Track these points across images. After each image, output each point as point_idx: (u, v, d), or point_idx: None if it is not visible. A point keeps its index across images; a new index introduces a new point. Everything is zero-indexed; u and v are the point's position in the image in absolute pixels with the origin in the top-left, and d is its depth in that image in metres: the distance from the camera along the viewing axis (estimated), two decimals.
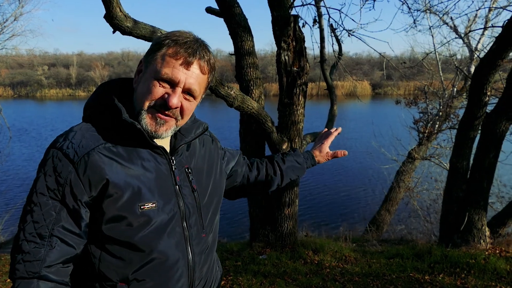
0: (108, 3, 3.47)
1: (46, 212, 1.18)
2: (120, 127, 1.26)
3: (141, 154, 1.29)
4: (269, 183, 1.89)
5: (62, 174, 1.18)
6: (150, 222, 1.25)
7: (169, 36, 1.26)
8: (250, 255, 5.54)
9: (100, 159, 1.20)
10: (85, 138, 1.23)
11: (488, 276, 4.62)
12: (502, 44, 4.59)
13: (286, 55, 4.95)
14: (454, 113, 10.53)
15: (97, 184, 1.20)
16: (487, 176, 5.28)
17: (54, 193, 1.18)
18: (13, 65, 58.12)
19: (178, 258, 1.33)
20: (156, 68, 1.24)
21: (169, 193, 1.32)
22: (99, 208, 1.22)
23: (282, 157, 1.93)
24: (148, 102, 1.26)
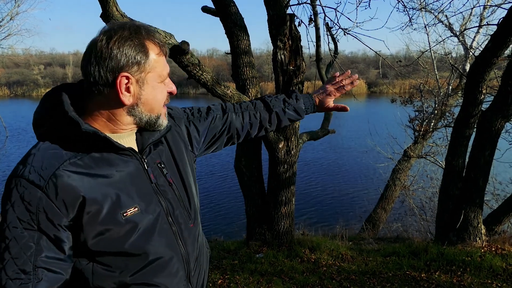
0: (105, 2, 3.47)
1: (24, 245, 1.11)
2: (82, 138, 1.19)
3: (110, 160, 1.23)
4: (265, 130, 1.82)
5: (32, 202, 1.11)
6: (137, 226, 1.23)
7: (136, 37, 1.20)
8: (247, 253, 5.55)
9: (69, 177, 1.14)
10: (47, 158, 1.16)
11: (484, 273, 4.65)
12: (497, 42, 4.61)
13: (282, 54, 4.95)
14: (449, 111, 10.55)
15: (73, 204, 1.14)
16: (483, 174, 5.30)
17: (27, 223, 1.11)
18: (9, 64, 57.98)
19: (172, 254, 1.33)
20: (159, 73, 1.26)
21: (148, 193, 1.30)
22: (81, 226, 1.16)
23: (284, 108, 1.79)
24: (163, 104, 1.31)
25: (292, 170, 5.56)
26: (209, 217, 13.14)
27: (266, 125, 1.79)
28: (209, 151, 1.73)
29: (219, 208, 13.74)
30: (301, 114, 1.83)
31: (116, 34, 1.18)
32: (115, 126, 1.27)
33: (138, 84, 1.23)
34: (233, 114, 1.72)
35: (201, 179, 16.92)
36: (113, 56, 1.17)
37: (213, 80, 4.45)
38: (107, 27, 1.22)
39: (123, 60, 1.18)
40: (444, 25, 10.11)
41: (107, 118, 1.25)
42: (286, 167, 5.49)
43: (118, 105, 1.24)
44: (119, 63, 1.18)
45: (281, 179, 5.53)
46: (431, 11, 8.59)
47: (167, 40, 4.03)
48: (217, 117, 1.69)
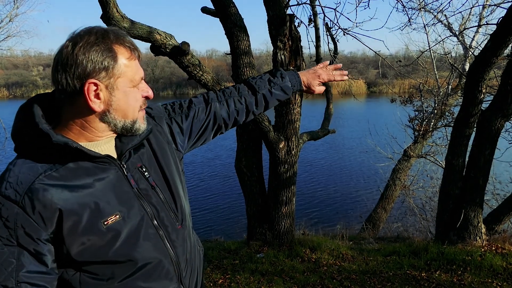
0: (105, 3, 3.48)
1: (4, 261, 1.09)
2: (55, 150, 1.17)
3: (87, 170, 1.21)
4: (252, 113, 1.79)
5: (9, 217, 1.10)
6: (119, 234, 1.22)
7: (104, 40, 1.18)
8: (248, 253, 5.56)
9: (45, 191, 1.12)
10: (22, 173, 1.14)
11: (484, 272, 4.66)
12: (496, 42, 4.62)
13: (282, 54, 4.97)
14: (449, 111, 10.56)
15: (51, 218, 1.12)
16: (483, 173, 5.31)
17: (7, 239, 1.10)
18: (8, 66, 58.02)
19: (160, 258, 1.32)
20: (130, 78, 1.23)
21: (130, 198, 1.27)
22: (62, 239, 1.15)
23: (270, 88, 1.76)
24: (138, 107, 1.28)
25: (292, 170, 5.57)
26: (210, 217, 13.14)
27: (253, 109, 1.75)
28: (198, 145, 1.70)
29: (219, 208, 13.74)
30: (288, 92, 1.80)
31: (82, 40, 1.15)
32: (90, 133, 1.24)
33: (107, 90, 1.20)
34: (217, 104, 1.68)
35: (202, 180, 16.93)
36: (78, 63, 1.14)
37: (214, 81, 4.47)
38: (73, 33, 1.19)
39: (90, 66, 1.15)
40: (444, 25, 10.12)
41: (80, 126, 1.23)
42: (287, 167, 5.50)
43: (89, 112, 1.21)
44: (85, 70, 1.15)
45: (282, 179, 5.54)
46: (430, 11, 8.60)
47: (168, 41, 4.04)
48: (199, 110, 1.64)
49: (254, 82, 1.75)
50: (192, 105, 1.64)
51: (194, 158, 20.01)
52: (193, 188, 15.74)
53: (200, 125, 1.64)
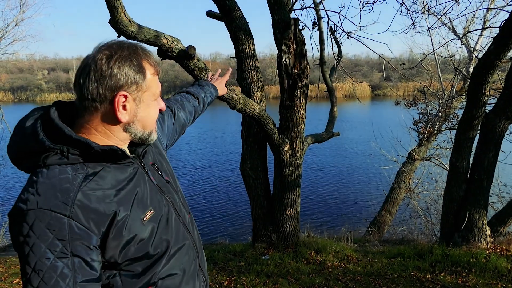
0: (113, 8, 3.53)
1: (60, 275, 1.10)
2: (87, 158, 1.22)
3: (117, 173, 1.28)
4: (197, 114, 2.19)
5: (61, 230, 1.11)
6: (156, 227, 1.32)
7: (141, 55, 1.29)
8: (253, 255, 5.59)
9: (92, 198, 1.16)
10: (61, 184, 1.15)
11: (489, 274, 4.66)
12: (500, 45, 4.64)
13: (287, 58, 5.01)
14: (453, 114, 10.57)
15: (104, 221, 1.18)
16: (487, 175, 5.32)
17: (60, 252, 1.11)
18: (13, 70, 58.29)
19: (184, 242, 1.45)
20: (153, 91, 1.34)
21: (155, 194, 1.38)
22: (108, 241, 1.20)
23: (204, 93, 2.23)
24: (155, 120, 1.40)
25: (297, 172, 5.60)
26: (215, 220, 13.17)
27: (198, 111, 2.16)
28: (171, 144, 1.94)
29: (225, 211, 13.77)
30: (213, 96, 2.31)
31: (116, 54, 1.22)
32: (111, 141, 1.30)
33: (135, 102, 1.29)
34: (178, 109, 1.99)
35: (207, 183, 16.97)
36: (113, 75, 1.21)
37: None
38: (105, 45, 1.25)
39: (123, 80, 1.23)
40: (448, 28, 10.15)
41: (103, 134, 1.29)
42: (292, 169, 5.54)
43: (114, 122, 1.28)
44: (118, 82, 1.22)
45: (287, 181, 5.58)
46: (434, 14, 8.63)
47: (174, 45, 4.09)
48: (169, 114, 1.92)
49: (191, 90, 2.19)
50: (164, 112, 1.88)
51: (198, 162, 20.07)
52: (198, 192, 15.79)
53: (171, 127, 1.91)
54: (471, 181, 5.45)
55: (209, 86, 2.29)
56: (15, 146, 1.25)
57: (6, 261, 6.43)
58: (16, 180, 16.64)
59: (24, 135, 1.23)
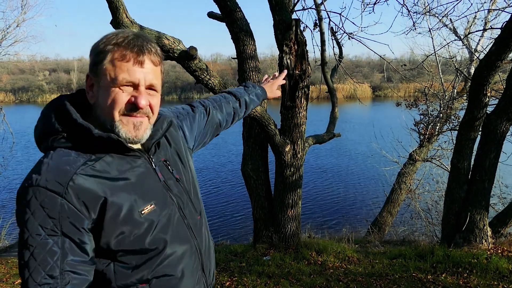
0: (115, 9, 3.54)
1: (49, 251, 1.14)
2: (92, 144, 1.24)
3: (121, 163, 1.29)
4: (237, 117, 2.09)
5: (53, 208, 1.14)
6: (154, 222, 1.30)
7: (107, 41, 1.25)
8: (254, 256, 5.59)
9: (86, 181, 1.18)
10: (61, 165, 1.19)
11: (490, 275, 4.66)
12: (501, 45, 4.64)
13: (288, 59, 5.01)
14: (454, 115, 10.56)
15: (94, 205, 1.19)
16: (488, 176, 5.32)
17: (51, 229, 1.14)
18: (14, 70, 58.37)
19: (187, 245, 1.42)
20: (111, 76, 1.24)
21: (160, 190, 1.37)
22: (102, 228, 1.21)
23: (249, 95, 2.14)
24: (118, 111, 1.26)
25: (298, 173, 5.61)
26: (216, 220, 13.16)
27: (239, 113, 2.06)
28: (200, 146, 1.85)
29: (226, 212, 13.77)
30: (259, 98, 2.20)
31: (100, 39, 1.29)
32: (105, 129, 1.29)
33: (95, 85, 1.28)
34: (213, 109, 1.91)
35: (207, 183, 16.97)
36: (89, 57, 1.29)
37: (221, 85, 4.52)
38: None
39: (90, 61, 1.28)
40: (449, 29, 10.15)
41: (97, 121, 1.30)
42: (293, 170, 5.54)
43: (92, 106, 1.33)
44: (89, 64, 1.29)
45: (288, 182, 5.58)
46: (435, 15, 8.63)
47: (176, 46, 4.10)
48: (201, 113, 1.85)
49: (233, 91, 2.08)
50: (195, 109, 1.84)
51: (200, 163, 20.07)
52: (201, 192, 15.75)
53: (203, 126, 1.83)
54: (472, 182, 5.45)
55: (255, 87, 2.19)
56: (36, 127, 1.30)
57: (8, 262, 6.43)
58: (17, 182, 16.64)
59: (42, 118, 1.29)
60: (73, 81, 63.42)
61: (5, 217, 10.22)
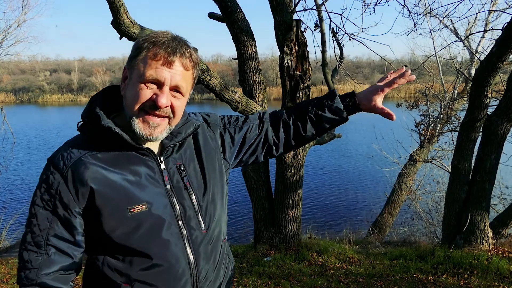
0: (116, 10, 3.55)
1: (41, 222, 1.24)
2: (104, 134, 1.27)
3: (128, 158, 1.31)
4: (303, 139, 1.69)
5: (53, 185, 1.24)
6: (142, 224, 1.27)
7: (147, 39, 1.28)
8: (255, 257, 5.59)
9: (85, 168, 1.24)
10: (73, 148, 1.28)
11: (491, 276, 4.66)
12: (502, 47, 4.65)
13: (289, 59, 5.02)
14: (455, 116, 10.56)
15: (84, 194, 1.24)
16: (489, 177, 5.32)
17: (47, 203, 1.24)
18: (15, 71, 58.40)
19: (177, 257, 1.34)
20: (140, 72, 1.25)
21: (159, 193, 1.33)
22: (91, 216, 1.27)
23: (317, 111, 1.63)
24: (138, 106, 1.27)
25: (299, 174, 5.61)
26: None
27: (304, 134, 1.66)
28: (248, 160, 1.68)
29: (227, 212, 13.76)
30: (339, 114, 1.62)
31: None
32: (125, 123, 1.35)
33: (128, 77, 1.31)
34: (269, 125, 1.67)
35: None
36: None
37: (221, 85, 4.52)
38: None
39: (129, 55, 1.31)
40: (449, 30, 10.14)
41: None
42: (293, 171, 5.54)
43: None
44: (128, 57, 1.32)
45: (288, 183, 5.58)
46: (436, 16, 8.64)
47: None
48: (253, 126, 1.65)
49: (304, 106, 1.66)
50: (247, 121, 1.66)
51: None
52: None
53: (252, 141, 1.64)
54: (473, 183, 5.45)
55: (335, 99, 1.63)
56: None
57: (8, 262, 6.44)
58: (17, 183, 16.65)
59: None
60: (73, 82, 63.48)
61: (5, 218, 10.21)
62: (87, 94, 61.52)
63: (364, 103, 1.61)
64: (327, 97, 1.64)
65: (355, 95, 1.63)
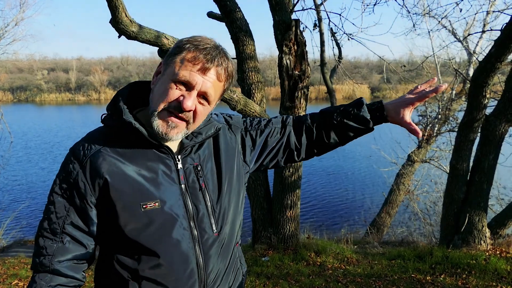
0: (114, 8, 3.53)
1: (58, 209, 1.27)
2: (125, 127, 1.28)
3: (146, 154, 1.31)
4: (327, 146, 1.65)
5: (72, 174, 1.26)
6: (153, 221, 1.27)
7: (190, 40, 1.28)
8: (253, 257, 5.58)
9: (103, 160, 1.26)
10: (94, 139, 1.30)
11: (489, 276, 4.66)
12: (500, 47, 4.65)
13: (287, 59, 5.01)
14: (453, 116, 10.59)
15: (98, 185, 1.26)
16: (487, 177, 5.33)
17: (65, 191, 1.27)
18: (12, 69, 58.24)
19: (186, 257, 1.32)
20: (174, 71, 1.25)
21: (174, 192, 1.32)
22: (104, 208, 1.28)
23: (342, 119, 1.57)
24: (163, 104, 1.26)
25: (297, 173, 5.60)
26: None
27: (327, 141, 1.62)
28: (268, 165, 1.65)
29: None
30: (365, 123, 1.57)
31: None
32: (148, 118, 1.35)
33: (162, 72, 1.32)
34: (291, 129, 1.63)
35: None
36: None
37: None
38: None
39: (169, 51, 1.33)
40: (448, 31, 10.17)
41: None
42: (292, 170, 5.54)
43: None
44: (167, 53, 1.33)
45: (287, 182, 5.58)
46: (434, 17, 8.65)
47: None
48: (275, 130, 1.62)
49: (328, 113, 1.61)
50: (269, 124, 1.63)
51: None
52: None
53: (273, 145, 1.61)
54: (471, 183, 5.46)
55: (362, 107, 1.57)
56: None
57: (5, 262, 6.42)
58: (16, 184, 16.58)
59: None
60: (71, 81, 63.31)
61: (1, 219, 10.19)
62: (85, 93, 61.43)
63: (392, 115, 1.54)
64: (354, 105, 1.58)
65: (383, 105, 1.57)
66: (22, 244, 9.17)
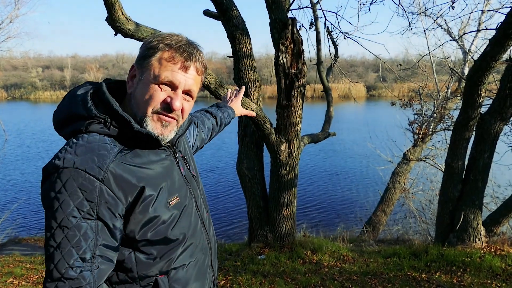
0: (110, 6, 3.51)
1: (84, 234, 1.14)
2: (129, 135, 1.28)
3: (152, 156, 1.35)
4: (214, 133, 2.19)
5: (92, 192, 1.15)
6: (179, 214, 1.37)
7: (161, 40, 1.30)
8: (249, 255, 5.59)
9: (124, 169, 1.22)
10: (99, 150, 1.21)
11: (483, 274, 4.70)
12: (496, 46, 4.67)
13: (284, 58, 5.01)
14: (448, 115, 10.62)
15: (132, 192, 1.22)
16: (482, 176, 5.36)
17: (87, 213, 1.15)
18: (7, 67, 57.94)
19: (201, 237, 1.49)
20: (155, 73, 1.28)
21: (182, 183, 1.44)
22: (131, 214, 1.24)
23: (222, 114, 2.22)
24: (151, 107, 1.29)
25: (293, 172, 5.61)
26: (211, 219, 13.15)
27: (215, 129, 2.17)
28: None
29: (221, 210, 13.74)
30: (230, 118, 2.29)
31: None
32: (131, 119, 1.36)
33: (137, 77, 1.32)
34: (201, 125, 2.04)
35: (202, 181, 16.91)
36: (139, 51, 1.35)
37: (216, 83, 4.50)
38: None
39: (139, 54, 1.33)
40: (443, 30, 10.20)
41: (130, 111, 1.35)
42: (288, 169, 5.54)
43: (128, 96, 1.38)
44: (137, 56, 1.34)
45: (283, 181, 5.58)
46: (430, 16, 8.67)
47: None
48: (193, 127, 1.97)
49: (209, 110, 2.19)
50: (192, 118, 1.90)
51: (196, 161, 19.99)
52: None
53: (196, 138, 1.96)
54: (467, 181, 5.48)
55: (226, 107, 2.30)
56: (64, 110, 1.32)
57: (0, 260, 6.40)
58: (10, 182, 16.50)
59: (74, 101, 1.30)
60: (66, 78, 63.05)
61: None
62: None
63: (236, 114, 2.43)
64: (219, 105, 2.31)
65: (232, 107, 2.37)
66: (16, 242, 9.15)
